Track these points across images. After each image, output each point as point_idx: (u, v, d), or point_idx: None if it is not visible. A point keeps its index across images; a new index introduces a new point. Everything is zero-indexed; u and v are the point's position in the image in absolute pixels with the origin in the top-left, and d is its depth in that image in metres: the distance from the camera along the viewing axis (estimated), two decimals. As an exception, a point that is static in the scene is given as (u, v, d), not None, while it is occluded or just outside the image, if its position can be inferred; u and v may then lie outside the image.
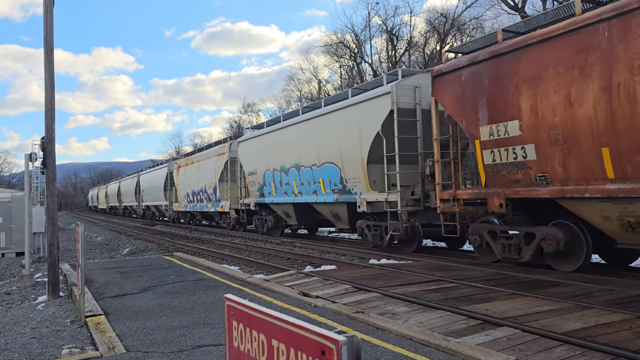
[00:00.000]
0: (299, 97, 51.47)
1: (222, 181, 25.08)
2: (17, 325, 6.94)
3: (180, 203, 33.02)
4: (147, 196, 41.95)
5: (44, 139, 9.13)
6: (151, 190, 40.41)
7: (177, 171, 33.36)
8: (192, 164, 30.21)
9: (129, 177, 53.28)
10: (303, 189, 17.62)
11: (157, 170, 39.98)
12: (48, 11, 9.04)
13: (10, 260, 18.84)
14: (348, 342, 1.50)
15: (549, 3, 29.38)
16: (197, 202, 29.73)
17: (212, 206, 26.90)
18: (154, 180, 39.66)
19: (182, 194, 32.10)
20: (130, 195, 50.03)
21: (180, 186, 32.53)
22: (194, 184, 29.63)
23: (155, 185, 38.83)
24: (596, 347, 4.69)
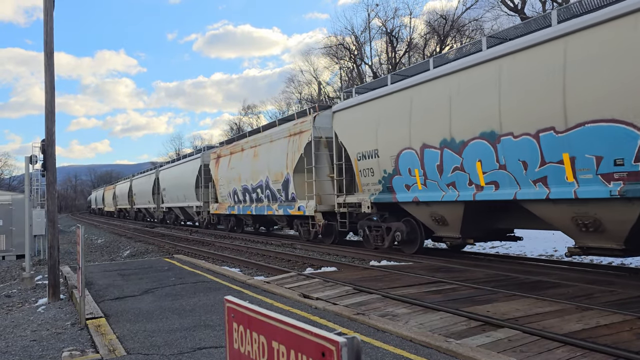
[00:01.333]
0: (299, 99, 51.51)
1: (299, 172, 17.73)
2: (17, 327, 6.94)
3: (221, 204, 25.69)
4: (171, 196, 34.95)
5: (45, 141, 9.13)
6: (176, 189, 33.18)
7: (215, 163, 26.11)
8: (243, 152, 22.92)
9: (143, 174, 46.58)
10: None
11: (185, 163, 32.35)
12: (48, 14, 9.05)
13: (10, 262, 18.83)
14: (348, 343, 1.50)
15: (549, 4, 29.43)
16: (250, 202, 22.40)
17: (281, 208, 19.22)
18: (180, 176, 32.45)
19: (225, 192, 24.78)
20: (145, 195, 43.13)
21: (221, 181, 25.15)
22: (246, 178, 22.29)
23: (182, 183, 31.79)
24: (597, 348, 4.68)
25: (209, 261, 14.17)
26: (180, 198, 32.81)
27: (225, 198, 25.20)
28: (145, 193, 43.14)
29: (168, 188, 35.45)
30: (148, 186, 41.65)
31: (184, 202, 32.30)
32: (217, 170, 25.92)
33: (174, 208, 35.50)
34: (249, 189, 22.19)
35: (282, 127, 19.47)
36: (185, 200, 31.80)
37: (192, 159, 31.30)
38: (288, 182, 18.53)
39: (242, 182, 22.73)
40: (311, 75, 49.18)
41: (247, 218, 24.39)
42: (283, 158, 18.81)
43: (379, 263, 11.82)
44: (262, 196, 21.07)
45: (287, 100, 53.90)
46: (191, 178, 29.97)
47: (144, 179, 44.82)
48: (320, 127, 16.72)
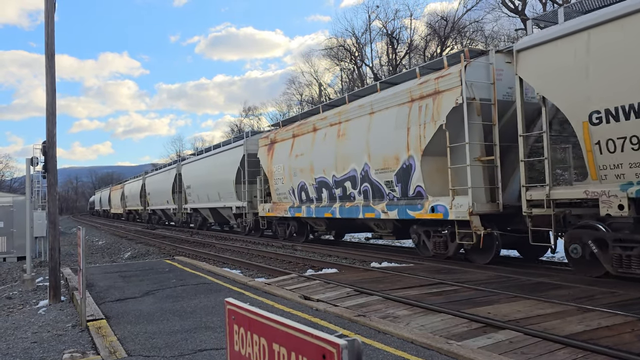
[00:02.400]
0: (299, 101, 51.55)
1: (432, 155, 12.02)
2: (18, 329, 6.94)
3: (278, 204, 19.77)
4: (199, 195, 29.16)
5: (45, 143, 9.14)
6: (207, 186, 27.37)
7: (268, 151, 20.36)
8: (316, 132, 16.82)
9: (160, 171, 40.57)
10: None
11: (219, 154, 26.33)
12: (49, 16, 9.06)
13: (11, 264, 18.83)
14: (349, 345, 1.50)
15: (549, 5, 29.43)
16: (328, 201, 16.34)
17: (393, 209, 13.11)
18: (212, 170, 26.50)
19: (285, 188, 18.98)
20: (162, 195, 37.69)
21: (278, 174, 19.35)
22: (323, 168, 16.23)
23: (215, 179, 25.94)
24: (599, 350, 4.67)
25: (210, 263, 14.17)
26: (213, 197, 26.74)
27: (284, 196, 19.13)
28: (162, 192, 37.52)
29: (195, 186, 29.63)
30: (167, 184, 36.13)
31: (217, 202, 26.34)
32: (270, 159, 19.91)
33: (201, 209, 29.73)
34: (328, 183, 16.05)
35: (395, 91, 13.20)
36: (220, 200, 25.81)
37: (230, 147, 24.83)
38: (410, 169, 12.35)
39: (317, 174, 16.63)
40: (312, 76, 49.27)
41: (319, 223, 17.77)
42: (400, 135, 12.60)
43: (379, 265, 11.82)
44: (352, 192, 14.80)
45: (288, 102, 53.97)
46: (229, 172, 23.99)
47: (161, 175, 38.76)
48: (472, 84, 11.01)
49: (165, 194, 36.94)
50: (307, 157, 17.23)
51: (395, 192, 13.06)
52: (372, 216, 14.02)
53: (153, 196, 41.31)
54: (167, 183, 36.22)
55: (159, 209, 40.21)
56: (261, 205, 21.08)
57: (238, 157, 23.49)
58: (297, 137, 18.07)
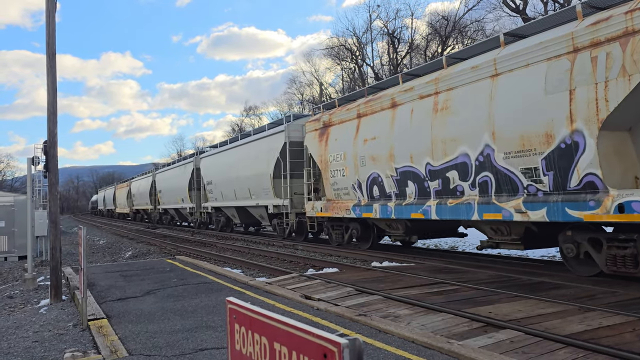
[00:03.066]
0: (300, 100, 51.56)
1: (614, 130, 8.32)
2: (19, 328, 6.95)
3: (335, 202, 15.43)
4: (222, 192, 25.33)
5: (47, 142, 9.15)
6: (233, 182, 23.64)
7: (319, 136, 16.25)
8: (395, 109, 12.85)
9: (172, 166, 36.88)
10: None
11: (251, 144, 22.35)
12: (50, 15, 9.07)
13: (12, 263, 18.85)
14: (350, 344, 1.50)
15: (550, 5, 29.40)
16: (417, 197, 12.30)
17: (541, 207, 9.13)
18: (242, 164, 22.78)
19: (347, 182, 14.77)
20: (176, 192, 34.07)
21: (336, 164, 15.21)
22: (409, 154, 12.28)
23: (245, 173, 22.21)
24: (599, 350, 4.67)
25: (211, 262, 14.18)
26: (242, 194, 23.14)
27: (344, 192, 15.01)
28: (176, 190, 34.26)
29: (218, 182, 25.93)
30: (182, 181, 32.69)
31: (246, 201, 22.83)
32: (323, 147, 15.89)
33: (225, 208, 26.08)
34: (418, 174, 12.01)
35: (539, 40, 9.27)
36: (251, 198, 22.21)
37: (266, 135, 20.74)
38: (574, 151, 8.59)
39: (399, 163, 12.52)
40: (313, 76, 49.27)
41: (396, 225, 13.69)
42: (554, 101, 8.79)
43: (380, 264, 11.82)
44: (459, 185, 10.98)
45: (289, 102, 53.99)
46: (265, 165, 20.42)
47: (175, 171, 35.33)
48: None
49: (179, 191, 33.30)
50: (382, 141, 13.07)
51: (543, 183, 9.16)
52: (498, 217, 9.94)
53: (165, 194, 37.38)
54: (183, 179, 32.30)
55: (172, 208, 36.39)
56: (309, 204, 16.99)
57: (277, 146, 19.26)
58: (365, 117, 14.01)
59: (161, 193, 38.52)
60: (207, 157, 28.68)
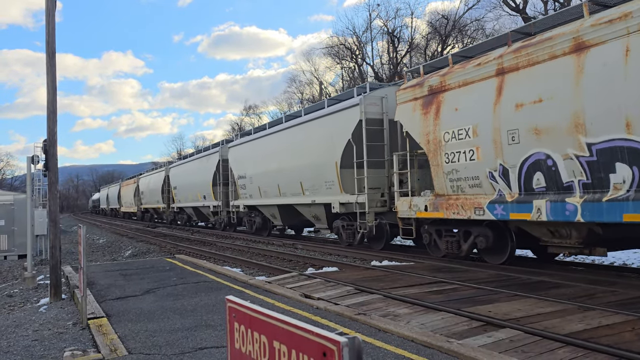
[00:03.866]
0: (300, 99, 51.55)
1: None
2: (19, 327, 6.95)
3: (452, 198, 11.15)
4: (259, 187, 20.95)
5: (46, 141, 9.15)
6: (279, 175, 19.04)
7: (423, 107, 11.88)
8: (577, 54, 8.46)
9: (189, 159, 32.26)
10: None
11: (300, 126, 17.82)
12: (50, 14, 9.06)
13: (12, 262, 18.86)
14: (349, 343, 1.50)
15: (550, 4, 29.40)
16: (636, 187, 7.68)
17: None
18: (288, 152, 18.41)
19: (476, 170, 10.56)
20: (195, 189, 29.55)
21: (453, 145, 11.01)
22: (624, 121, 7.79)
23: (299, 163, 17.47)
24: (599, 349, 4.68)
25: (211, 261, 14.19)
26: (290, 190, 18.35)
27: (471, 184, 10.77)
28: (195, 186, 29.41)
29: (255, 175, 21.20)
30: (203, 175, 27.80)
31: (297, 197, 18.02)
32: (433, 121, 11.47)
33: (263, 207, 21.27)
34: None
35: None
36: (305, 194, 17.37)
37: (328, 113, 15.88)
38: None
39: (595, 135, 8.28)
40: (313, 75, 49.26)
41: (568, 231, 9.35)
42: None
43: (380, 263, 11.82)
44: None
45: (289, 101, 53.97)
46: (327, 152, 15.68)
47: (192, 165, 30.76)
48: None
49: (200, 187, 28.51)
50: (557, 104, 8.85)
51: None
52: None
53: (181, 191, 32.82)
54: (205, 174, 27.50)
55: (190, 207, 31.75)
56: (404, 201, 12.43)
57: (348, 126, 14.62)
58: (515, 73, 9.69)
59: (176, 190, 33.79)
60: (237, 145, 23.56)
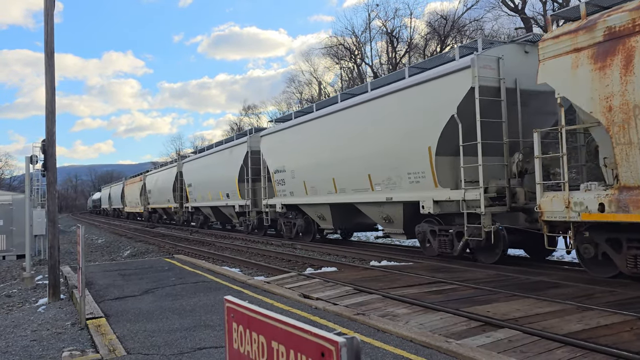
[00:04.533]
0: (299, 99, 51.54)
1: None
2: (17, 327, 6.94)
3: None
4: (303, 181, 17.17)
5: (45, 141, 9.14)
6: (325, 169, 15.73)
7: (597, 59, 7.91)
8: None
9: (207, 153, 27.69)
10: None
11: (365, 105, 13.88)
12: (48, 14, 9.05)
13: (11, 262, 18.83)
14: (348, 343, 1.50)
15: (549, 5, 29.42)
16: None
17: None
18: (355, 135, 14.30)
19: None
20: (216, 186, 25.33)
21: None
22: None
23: (373, 149, 13.49)
24: (597, 349, 4.68)
25: (209, 261, 14.17)
26: (353, 185, 14.54)
27: None
28: (215, 183, 25.51)
29: (298, 169, 17.26)
30: (225, 171, 23.88)
31: (360, 194, 14.34)
32: (619, 80, 7.72)
33: (310, 206, 17.25)
34: None
35: None
36: (380, 189, 13.46)
37: (426, 79, 11.84)
38: None
39: None
40: (312, 75, 49.25)
41: None
42: None
43: (379, 263, 11.82)
44: None
45: (288, 101, 53.94)
46: (417, 133, 12.00)
47: (212, 159, 26.41)
48: None
49: (222, 184, 24.49)
50: None
51: None
52: None
53: (198, 189, 28.74)
54: (229, 168, 23.55)
55: (207, 207, 27.84)
56: (556, 197, 8.73)
57: (451, 99, 11.01)
58: None
59: (191, 187, 30.05)
60: (273, 133, 19.26)
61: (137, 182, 46.34)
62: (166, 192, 35.65)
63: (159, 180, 37.91)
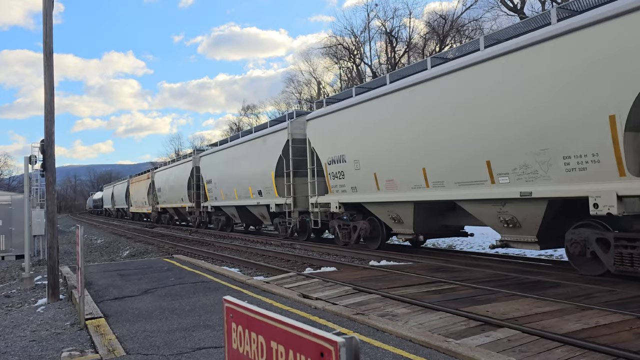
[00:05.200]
0: (298, 99, 51.52)
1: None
2: (17, 328, 6.93)
3: None
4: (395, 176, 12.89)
5: (44, 141, 9.13)
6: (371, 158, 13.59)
7: None
8: None
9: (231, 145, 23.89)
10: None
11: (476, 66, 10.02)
12: (47, 14, 9.04)
13: (10, 263, 18.82)
14: (347, 343, 1.50)
15: (548, 4, 29.44)
16: None
17: None
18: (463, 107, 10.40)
19: None
20: (244, 182, 21.99)
21: None
22: None
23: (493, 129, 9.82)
24: (596, 348, 4.68)
25: (209, 261, 14.17)
26: (467, 174, 10.69)
27: None
28: (243, 179, 21.99)
29: (368, 158, 13.89)
30: (258, 164, 20.50)
31: (470, 188, 10.66)
32: None
33: (399, 204, 13.13)
34: None
35: None
36: (525, 178, 9.41)
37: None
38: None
39: None
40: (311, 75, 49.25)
41: None
42: None
43: (378, 263, 11.82)
44: None
45: (287, 101, 53.93)
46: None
47: (239, 150, 22.77)
48: None
49: (254, 180, 20.89)
50: None
51: None
52: None
53: (220, 186, 25.01)
54: (263, 161, 20.03)
55: (232, 206, 24.09)
56: None
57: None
58: None
59: (211, 184, 26.18)
60: (321, 117, 16.09)
61: (144, 180, 42.24)
62: (179, 190, 31.77)
63: (170, 177, 34.01)
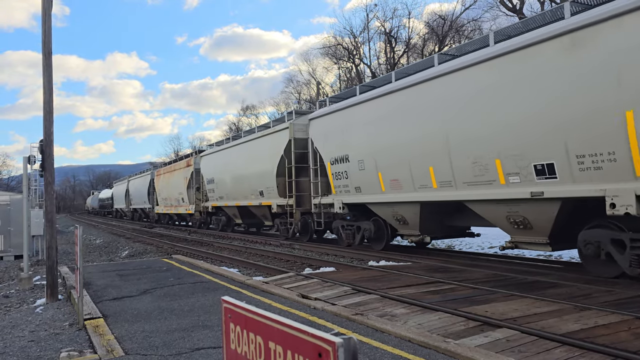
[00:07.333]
0: (297, 100, 51.52)
1: None
2: (15, 328, 6.93)
3: None
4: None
5: (43, 141, 9.12)
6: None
7: None
8: None
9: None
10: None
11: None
12: (46, 14, 9.03)
13: (8, 263, 18.80)
14: (345, 344, 1.50)
15: (547, 5, 29.46)
16: None
17: None
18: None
19: None
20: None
21: None
22: None
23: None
24: (595, 348, 4.69)
25: (208, 261, 14.16)
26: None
27: None
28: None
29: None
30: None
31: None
32: None
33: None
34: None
35: None
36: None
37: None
38: None
39: None
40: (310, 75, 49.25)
41: None
42: None
43: (377, 263, 11.83)
44: None
45: (286, 101, 53.93)
46: None
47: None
48: None
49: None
50: None
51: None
52: None
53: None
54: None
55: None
56: None
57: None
58: None
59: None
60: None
61: (179, 170, 31.37)
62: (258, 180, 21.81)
63: (228, 163, 24.27)
